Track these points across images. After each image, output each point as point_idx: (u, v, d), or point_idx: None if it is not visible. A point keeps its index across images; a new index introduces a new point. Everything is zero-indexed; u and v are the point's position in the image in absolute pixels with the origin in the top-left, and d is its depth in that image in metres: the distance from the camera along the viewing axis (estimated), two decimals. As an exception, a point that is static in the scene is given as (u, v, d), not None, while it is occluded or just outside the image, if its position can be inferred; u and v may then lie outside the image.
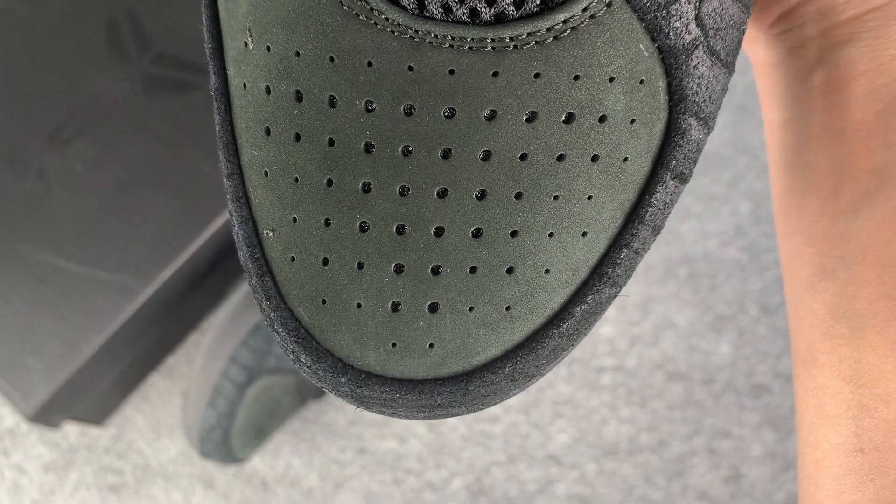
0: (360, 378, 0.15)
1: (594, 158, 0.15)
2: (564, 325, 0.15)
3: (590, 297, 0.15)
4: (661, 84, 0.15)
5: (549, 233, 0.15)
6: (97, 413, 0.58)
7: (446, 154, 0.14)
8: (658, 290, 0.60)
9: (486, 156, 0.14)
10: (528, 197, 0.14)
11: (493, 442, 0.59)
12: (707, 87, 0.16)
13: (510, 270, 0.15)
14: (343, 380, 0.15)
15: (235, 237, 0.17)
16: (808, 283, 0.18)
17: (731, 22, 0.16)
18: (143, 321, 0.48)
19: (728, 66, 0.16)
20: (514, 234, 0.14)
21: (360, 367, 0.15)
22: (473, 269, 0.15)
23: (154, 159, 0.47)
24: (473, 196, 0.14)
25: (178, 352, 0.61)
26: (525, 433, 0.59)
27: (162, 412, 0.60)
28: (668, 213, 0.16)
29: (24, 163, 0.48)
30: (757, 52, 0.21)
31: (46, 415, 0.47)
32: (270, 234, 0.16)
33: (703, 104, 0.16)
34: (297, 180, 0.15)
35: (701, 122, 0.16)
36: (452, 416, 0.16)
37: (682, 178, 0.16)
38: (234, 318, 0.54)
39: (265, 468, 0.59)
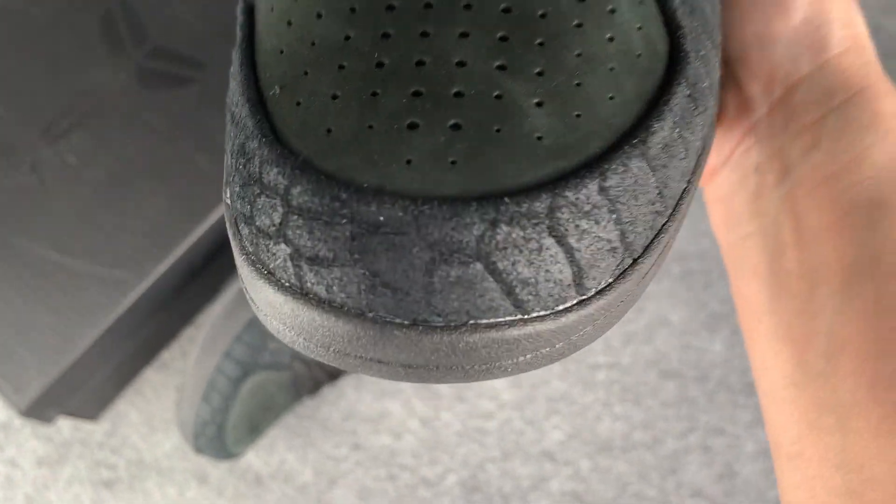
0: (368, 194, 0.12)
1: (610, 39, 0.15)
2: (609, 173, 0.13)
3: (623, 157, 0.14)
4: (657, 12, 0.16)
5: (576, 82, 0.14)
6: (91, 408, 0.57)
7: (467, 6, 0.14)
8: (652, 287, 0.60)
9: (507, 10, 0.14)
10: (551, 46, 0.14)
11: (488, 438, 0.59)
12: (694, 28, 0.16)
13: (539, 104, 0.14)
14: (344, 196, 0.12)
15: (234, 104, 0.15)
16: (791, 381, 0.19)
17: None
18: (137, 315, 0.48)
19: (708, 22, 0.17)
20: (540, 73, 0.14)
21: (367, 186, 0.13)
22: (499, 97, 0.13)
23: (149, 153, 0.47)
24: (496, 37, 0.14)
25: (172, 346, 0.61)
26: (519, 429, 0.59)
27: (156, 407, 0.60)
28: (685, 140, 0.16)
29: (19, 156, 0.47)
30: (718, 184, 0.22)
31: (40, 409, 0.47)
32: (277, 90, 0.15)
33: (694, 40, 0.16)
34: (313, 44, 0.15)
35: (700, 61, 0.16)
36: (469, 284, 0.12)
37: (695, 101, 0.16)
38: (229, 313, 0.54)
39: (259, 463, 0.59)
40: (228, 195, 0.15)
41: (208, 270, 0.53)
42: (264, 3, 0.16)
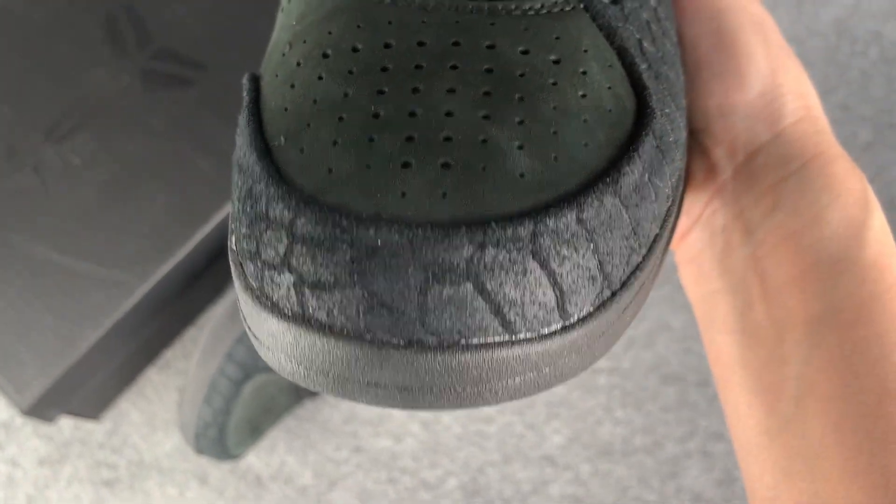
0: (367, 221, 0.14)
1: (583, 96, 0.16)
2: (586, 206, 0.15)
3: (598, 193, 0.15)
4: (625, 75, 0.18)
5: (552, 130, 0.15)
6: (92, 407, 0.58)
7: (454, 67, 0.16)
8: (653, 292, 0.60)
9: (489, 70, 0.16)
10: (530, 100, 0.16)
11: (488, 442, 0.59)
12: (659, 90, 0.18)
13: (521, 147, 0.15)
14: (345, 224, 0.14)
15: (241, 156, 0.16)
16: (763, 429, 0.20)
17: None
18: (139, 317, 0.48)
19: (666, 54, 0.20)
20: (520, 122, 0.15)
21: (366, 215, 0.14)
22: (484, 141, 0.15)
23: (151, 155, 0.47)
24: (481, 93, 0.16)
25: (174, 346, 0.61)
26: (520, 433, 0.59)
27: (157, 407, 0.60)
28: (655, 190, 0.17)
29: (21, 157, 0.48)
30: (689, 244, 0.23)
31: (41, 409, 0.47)
32: (282, 140, 0.16)
33: (659, 101, 0.18)
34: (315, 101, 0.16)
35: (665, 118, 0.18)
36: (460, 303, 0.13)
37: (663, 153, 0.17)
38: (231, 314, 0.54)
39: (260, 465, 0.59)
40: (234, 241, 0.16)
41: (210, 272, 0.54)
42: (269, 71, 0.18)
